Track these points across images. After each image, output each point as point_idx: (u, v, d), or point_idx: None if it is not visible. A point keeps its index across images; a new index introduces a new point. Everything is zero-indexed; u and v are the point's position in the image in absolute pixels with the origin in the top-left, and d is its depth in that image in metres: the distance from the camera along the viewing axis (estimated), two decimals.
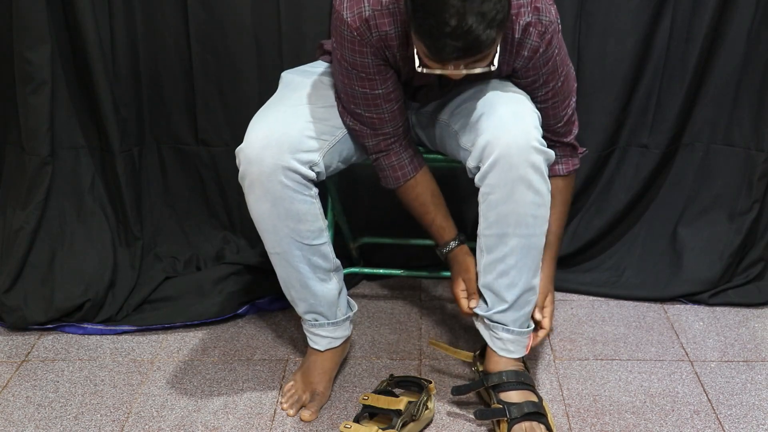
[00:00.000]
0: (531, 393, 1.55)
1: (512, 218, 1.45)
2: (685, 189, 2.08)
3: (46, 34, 1.84)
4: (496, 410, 1.52)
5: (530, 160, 1.41)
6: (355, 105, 1.52)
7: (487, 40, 1.26)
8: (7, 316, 1.89)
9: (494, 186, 1.43)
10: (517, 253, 1.49)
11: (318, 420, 1.60)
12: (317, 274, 1.57)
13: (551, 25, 1.44)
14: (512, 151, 1.40)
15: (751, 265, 2.05)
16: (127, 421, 1.60)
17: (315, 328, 1.65)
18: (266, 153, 1.44)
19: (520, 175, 1.41)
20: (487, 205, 1.46)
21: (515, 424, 1.49)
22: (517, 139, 1.40)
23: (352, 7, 1.42)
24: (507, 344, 1.56)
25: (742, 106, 1.99)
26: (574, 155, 1.64)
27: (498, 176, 1.42)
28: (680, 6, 1.91)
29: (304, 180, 1.47)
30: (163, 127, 2.05)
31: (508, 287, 1.52)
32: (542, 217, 1.48)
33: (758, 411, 1.63)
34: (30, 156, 1.92)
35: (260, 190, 1.46)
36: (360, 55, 1.45)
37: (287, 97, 1.57)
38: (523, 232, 1.47)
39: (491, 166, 1.42)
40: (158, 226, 2.09)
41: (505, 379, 1.55)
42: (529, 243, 1.48)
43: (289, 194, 1.46)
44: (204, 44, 1.95)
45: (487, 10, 1.23)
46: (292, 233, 1.50)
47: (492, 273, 1.52)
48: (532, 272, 1.52)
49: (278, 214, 1.48)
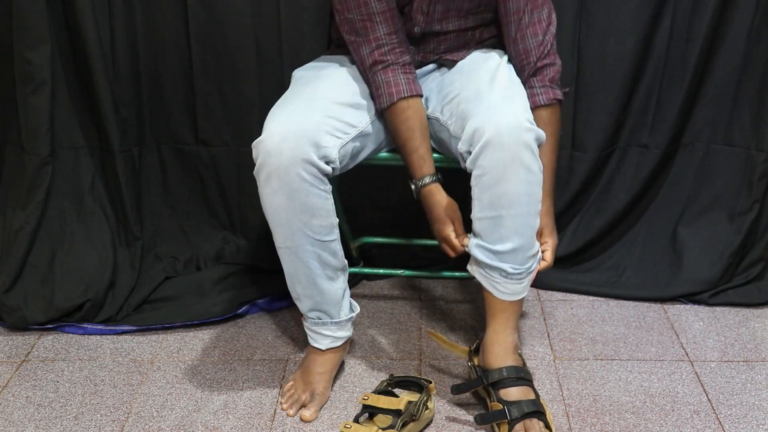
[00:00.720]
0: (530, 390, 1.55)
1: (506, 199, 1.45)
2: (685, 189, 2.08)
3: (46, 34, 1.84)
4: (496, 413, 1.52)
5: (522, 139, 1.42)
6: (348, 10, 1.55)
7: None
8: (7, 316, 1.89)
9: (487, 167, 1.44)
10: (513, 235, 1.48)
11: (318, 420, 1.60)
12: (326, 271, 1.57)
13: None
14: (503, 130, 1.41)
15: (751, 265, 2.05)
16: (127, 421, 1.60)
17: (318, 327, 1.65)
18: (285, 145, 1.44)
19: (512, 154, 1.42)
20: (480, 187, 1.46)
21: (516, 423, 1.50)
22: (508, 119, 1.42)
23: None
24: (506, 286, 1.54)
25: (742, 106, 1.99)
26: (554, 86, 1.63)
27: (490, 157, 1.43)
28: (680, 6, 1.91)
29: (321, 174, 1.48)
30: (163, 127, 2.05)
31: (506, 263, 1.51)
32: (536, 195, 1.47)
33: (758, 411, 1.63)
34: (30, 156, 1.91)
35: (277, 183, 1.46)
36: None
37: (303, 92, 1.59)
38: (518, 212, 1.46)
39: (482, 148, 1.42)
40: (158, 226, 2.09)
41: (505, 375, 1.54)
42: (524, 222, 1.48)
43: (305, 187, 1.46)
44: (204, 44, 1.95)
45: None
46: (305, 227, 1.50)
47: (486, 256, 1.51)
48: (530, 253, 1.51)
49: (293, 207, 1.48)
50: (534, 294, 2.06)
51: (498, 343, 1.58)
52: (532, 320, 1.95)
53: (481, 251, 1.51)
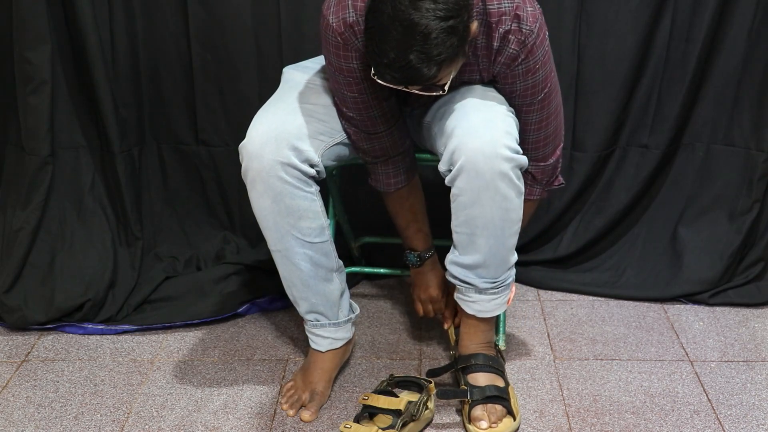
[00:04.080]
0: (498, 377, 1.59)
1: (480, 221, 1.46)
2: (685, 189, 2.08)
3: (46, 34, 1.84)
4: (458, 391, 1.58)
5: (497, 168, 1.40)
6: (347, 109, 1.52)
7: (428, 74, 1.26)
8: (7, 316, 1.89)
9: (462, 189, 1.44)
10: (485, 251, 1.50)
11: (318, 420, 1.60)
12: (319, 273, 1.57)
13: (531, 35, 1.40)
14: (478, 158, 1.39)
15: (751, 265, 2.05)
16: (127, 421, 1.60)
17: (316, 329, 1.65)
18: (266, 149, 1.45)
19: (486, 182, 1.41)
20: (456, 205, 1.47)
21: (476, 405, 1.54)
22: (483, 147, 1.39)
23: (338, 12, 1.41)
24: (479, 305, 1.59)
25: (742, 106, 1.99)
26: (535, 185, 1.60)
27: (465, 181, 1.42)
28: (680, 6, 1.91)
29: (304, 176, 1.48)
30: (163, 127, 2.05)
31: (477, 277, 1.55)
32: (511, 220, 1.48)
33: (758, 411, 1.63)
34: (30, 156, 1.92)
35: (261, 186, 1.47)
36: (345, 60, 1.45)
37: (289, 95, 1.58)
38: (491, 233, 1.48)
39: (459, 171, 1.42)
40: (158, 226, 2.09)
41: (473, 362, 1.59)
42: (497, 243, 1.49)
43: (289, 190, 1.47)
44: (204, 44, 1.95)
45: (429, 49, 1.23)
46: (293, 230, 1.51)
47: (461, 266, 1.55)
48: (501, 269, 1.54)
49: (279, 211, 1.48)
50: (534, 294, 2.06)
51: (470, 338, 1.63)
52: (532, 320, 1.95)
53: (454, 266, 1.56)
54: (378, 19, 1.25)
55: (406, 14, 1.22)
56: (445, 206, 1.68)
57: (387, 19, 1.23)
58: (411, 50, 1.23)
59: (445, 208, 1.58)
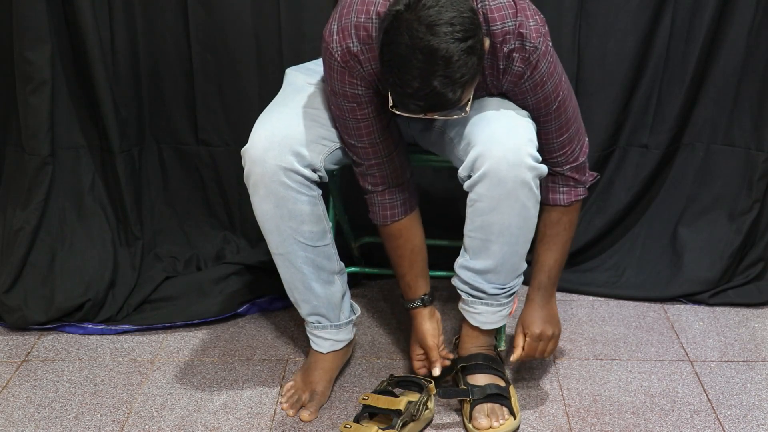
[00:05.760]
0: (497, 378, 1.59)
1: (496, 227, 1.46)
2: (685, 189, 2.08)
3: (46, 34, 1.84)
4: (459, 390, 1.58)
5: (520, 177, 1.40)
6: (349, 136, 1.51)
7: (453, 99, 1.25)
8: (7, 316, 1.89)
9: (482, 195, 1.43)
10: (498, 257, 1.50)
11: (318, 420, 1.60)
12: (321, 275, 1.57)
13: (535, 52, 1.39)
14: (502, 166, 1.39)
15: (751, 265, 2.05)
16: (127, 421, 1.60)
17: (318, 331, 1.65)
18: (269, 154, 1.45)
19: (507, 190, 1.41)
20: (473, 210, 1.47)
21: (477, 404, 1.54)
22: (507, 155, 1.39)
23: (341, 40, 1.40)
24: (484, 314, 1.59)
25: (742, 106, 1.99)
26: (578, 185, 1.58)
27: (486, 188, 1.42)
28: (680, 6, 1.91)
29: (307, 181, 1.48)
30: (163, 127, 2.05)
31: (486, 282, 1.55)
32: (528, 228, 1.49)
33: (758, 411, 1.63)
34: (30, 156, 1.91)
35: (264, 191, 1.47)
36: (350, 86, 1.44)
37: (291, 99, 1.57)
38: (506, 240, 1.48)
39: (481, 177, 1.41)
40: (158, 226, 2.09)
41: (472, 362, 1.59)
42: (511, 250, 1.50)
43: (291, 195, 1.47)
44: (204, 44, 1.95)
45: (452, 72, 1.22)
46: (295, 234, 1.51)
47: (471, 271, 1.54)
48: (511, 275, 1.55)
49: (281, 215, 1.49)
50: None
51: (471, 341, 1.63)
52: None
53: (464, 270, 1.55)
54: (396, 51, 1.24)
55: (425, 41, 1.21)
56: (445, 206, 1.68)
57: (405, 49, 1.22)
58: (434, 76, 1.22)
59: (444, 208, 1.59)
